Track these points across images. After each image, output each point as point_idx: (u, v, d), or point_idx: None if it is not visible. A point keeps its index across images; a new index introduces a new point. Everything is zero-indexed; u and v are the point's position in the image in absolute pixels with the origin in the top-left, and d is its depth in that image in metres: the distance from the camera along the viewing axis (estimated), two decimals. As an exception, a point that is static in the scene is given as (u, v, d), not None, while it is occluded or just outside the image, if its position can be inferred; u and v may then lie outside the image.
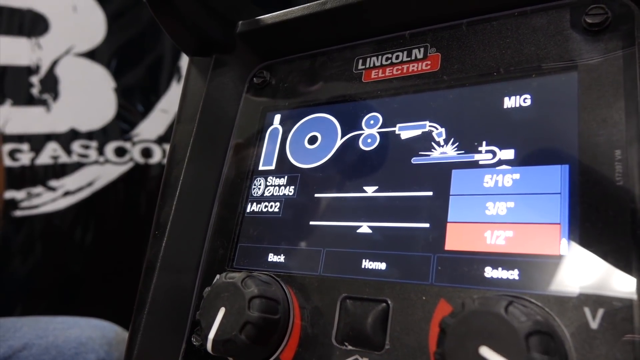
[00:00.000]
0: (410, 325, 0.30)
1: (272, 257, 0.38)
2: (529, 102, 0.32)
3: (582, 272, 0.27)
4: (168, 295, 0.39)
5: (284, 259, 0.37)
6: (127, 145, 1.46)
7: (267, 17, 0.43)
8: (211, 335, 0.33)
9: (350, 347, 0.32)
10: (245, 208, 0.41)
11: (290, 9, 0.42)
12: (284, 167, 0.41)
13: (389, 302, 0.32)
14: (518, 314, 0.25)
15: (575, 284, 0.27)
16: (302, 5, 0.41)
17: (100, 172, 1.44)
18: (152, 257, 0.40)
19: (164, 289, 0.39)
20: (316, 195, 0.38)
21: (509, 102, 0.33)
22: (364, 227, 0.35)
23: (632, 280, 0.26)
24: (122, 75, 1.46)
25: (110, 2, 1.45)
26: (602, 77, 0.30)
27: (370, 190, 0.36)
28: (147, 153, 1.47)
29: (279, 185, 0.40)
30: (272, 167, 0.41)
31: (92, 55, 1.43)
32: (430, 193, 0.33)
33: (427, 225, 0.33)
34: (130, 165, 1.46)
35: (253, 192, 0.41)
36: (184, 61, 1.52)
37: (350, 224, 0.36)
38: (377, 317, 0.32)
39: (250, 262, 0.39)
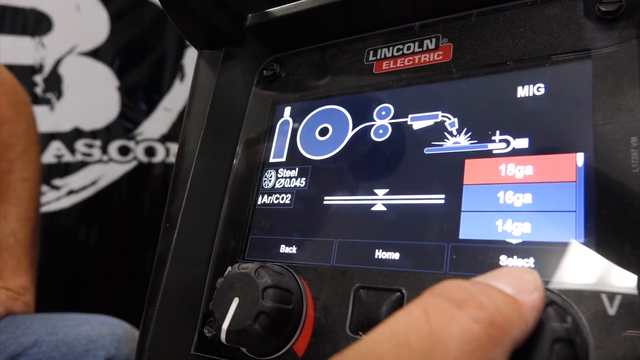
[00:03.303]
0: (425, 314, 0.30)
1: (284, 249, 0.38)
2: (542, 91, 0.32)
3: (598, 259, 0.27)
4: (180, 287, 0.39)
5: (296, 250, 0.37)
6: (131, 144, 1.46)
7: (277, 10, 0.43)
8: (225, 325, 0.32)
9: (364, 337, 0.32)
10: (256, 200, 0.41)
11: (300, 1, 0.42)
12: (295, 159, 0.41)
13: (404, 291, 0.32)
14: None
15: (591, 271, 0.27)
16: (311, -3, 0.41)
17: (104, 171, 1.45)
18: (163, 249, 0.40)
19: (176, 281, 0.39)
20: (328, 186, 0.38)
21: (523, 92, 0.33)
22: (378, 217, 0.35)
23: (650, 266, 0.26)
24: (125, 74, 1.47)
25: (113, 1, 1.45)
26: (616, 65, 0.30)
27: (382, 182, 0.36)
28: (150, 152, 1.47)
29: (290, 177, 0.40)
30: (283, 159, 0.41)
31: (95, 54, 1.43)
32: (444, 183, 0.33)
33: (441, 214, 0.33)
34: (133, 164, 1.47)
35: (264, 184, 0.41)
36: (187, 60, 1.52)
37: (364, 208, 0.36)
38: (392, 306, 0.32)
39: (262, 253, 0.39)
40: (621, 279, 0.26)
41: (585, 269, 0.27)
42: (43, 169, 1.37)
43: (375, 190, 0.36)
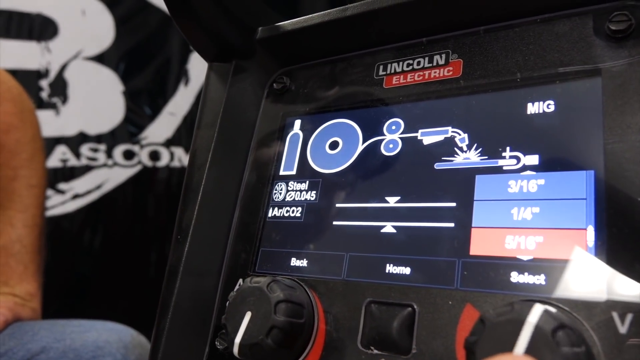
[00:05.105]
0: (436, 329, 0.31)
1: (294, 262, 0.38)
2: (552, 108, 0.33)
3: (609, 277, 0.27)
4: (191, 300, 0.40)
5: (307, 263, 0.38)
6: (135, 148, 1.47)
7: (287, 24, 0.44)
8: (238, 339, 0.33)
9: (376, 352, 0.32)
10: (267, 213, 0.41)
11: (310, 15, 0.42)
12: (305, 172, 0.41)
13: (415, 306, 0.32)
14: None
15: (602, 288, 0.27)
16: (322, 12, 0.42)
17: (109, 175, 1.45)
18: (174, 261, 0.40)
19: (187, 293, 0.39)
20: (338, 200, 0.38)
21: (533, 108, 0.33)
22: (388, 232, 0.35)
23: (661, 286, 0.26)
24: (130, 79, 1.47)
25: (119, 6, 1.46)
26: (626, 83, 0.31)
27: (392, 196, 0.36)
28: (155, 156, 1.48)
29: (301, 190, 0.41)
30: (293, 172, 0.42)
31: (100, 58, 1.44)
32: (454, 198, 0.34)
33: (451, 230, 0.33)
34: (138, 168, 1.47)
35: (274, 196, 0.42)
36: (192, 64, 1.53)
37: (374, 229, 0.36)
38: (403, 321, 0.32)
39: (273, 266, 0.39)
40: (632, 297, 0.26)
41: (596, 286, 0.27)
42: (48, 173, 1.38)
43: (386, 204, 0.36)
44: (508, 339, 0.25)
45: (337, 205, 0.38)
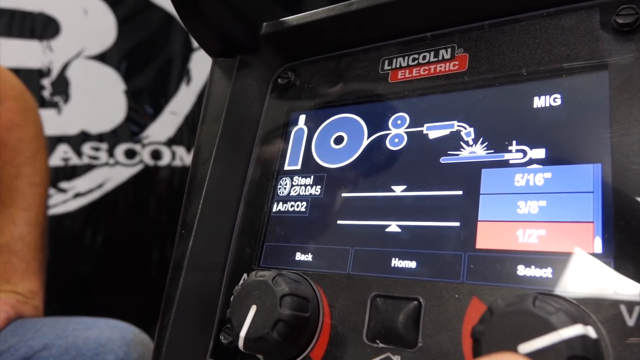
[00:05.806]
0: (442, 323, 0.31)
1: (299, 256, 0.38)
2: (559, 101, 0.33)
3: (617, 270, 0.27)
4: (195, 294, 0.39)
5: (312, 257, 0.38)
6: (137, 147, 1.47)
7: (292, 19, 0.44)
8: (243, 333, 0.33)
9: (381, 345, 0.32)
10: (272, 207, 0.41)
11: (315, 10, 0.42)
12: (309, 167, 0.41)
13: (421, 300, 0.32)
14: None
15: (610, 281, 0.27)
16: (327, 7, 0.41)
17: (110, 174, 1.45)
18: (179, 256, 0.40)
19: (191, 288, 0.39)
20: (343, 194, 0.38)
21: (539, 102, 0.33)
22: (393, 226, 0.35)
23: (669, 278, 0.26)
24: (132, 78, 1.47)
25: (121, 6, 1.46)
26: (633, 77, 0.30)
27: (398, 190, 0.36)
28: (156, 155, 1.48)
29: (305, 185, 0.41)
30: (298, 167, 0.42)
31: (102, 57, 1.44)
32: (460, 192, 0.34)
33: (457, 224, 0.33)
34: (140, 167, 1.47)
35: (279, 191, 0.42)
36: (193, 63, 1.53)
37: (379, 222, 0.36)
38: (409, 315, 0.32)
39: (277, 261, 0.39)
40: (640, 290, 0.26)
41: (604, 279, 0.27)
42: (50, 171, 1.37)
43: (391, 198, 0.36)
44: (523, 331, 0.24)
45: (342, 199, 0.38)
